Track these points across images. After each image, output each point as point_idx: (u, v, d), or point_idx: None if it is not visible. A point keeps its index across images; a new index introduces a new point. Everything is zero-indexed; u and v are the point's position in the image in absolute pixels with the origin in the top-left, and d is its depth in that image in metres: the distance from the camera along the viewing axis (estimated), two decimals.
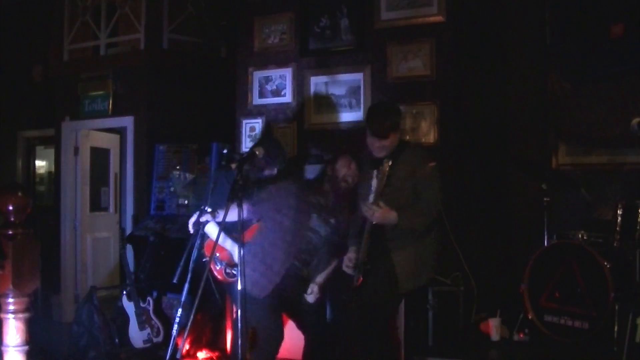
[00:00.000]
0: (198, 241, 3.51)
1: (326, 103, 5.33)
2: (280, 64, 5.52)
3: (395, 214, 3.39)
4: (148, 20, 6.41)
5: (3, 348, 2.03)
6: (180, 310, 3.14)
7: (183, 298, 3.15)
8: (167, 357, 3.01)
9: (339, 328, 3.65)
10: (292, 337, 3.87)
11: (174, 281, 3.47)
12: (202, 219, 3.54)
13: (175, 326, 3.14)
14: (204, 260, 3.84)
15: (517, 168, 5.08)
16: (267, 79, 5.58)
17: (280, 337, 3.62)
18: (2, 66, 7.84)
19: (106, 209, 7.55)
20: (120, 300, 5.09)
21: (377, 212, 3.34)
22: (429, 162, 3.60)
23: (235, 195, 3.17)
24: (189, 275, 3.22)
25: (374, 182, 3.40)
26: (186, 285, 3.13)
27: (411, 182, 3.54)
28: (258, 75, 5.61)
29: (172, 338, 3.04)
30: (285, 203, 3.74)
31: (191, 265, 3.39)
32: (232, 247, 3.68)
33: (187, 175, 5.91)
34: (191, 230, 3.61)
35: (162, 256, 5.31)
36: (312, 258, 3.80)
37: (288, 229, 3.69)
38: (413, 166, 3.55)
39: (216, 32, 6.75)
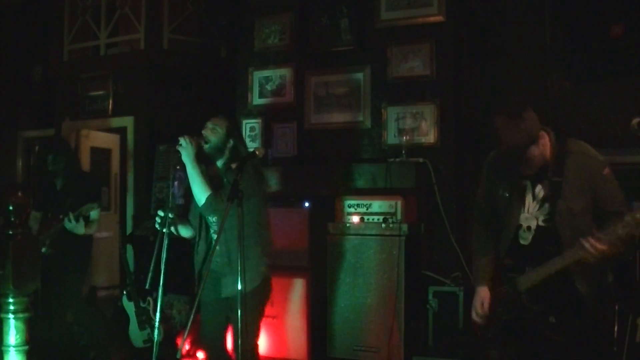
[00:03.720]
0: (166, 241, 3.41)
1: (326, 103, 5.33)
2: (280, 64, 5.52)
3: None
4: (148, 20, 6.40)
5: (3, 348, 2.03)
6: (158, 314, 3.06)
7: (159, 301, 3.07)
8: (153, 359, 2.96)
9: None
10: (292, 337, 3.89)
11: (147, 287, 3.39)
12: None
13: (157, 331, 3.08)
14: None
15: None
16: (267, 79, 5.58)
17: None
18: (2, 66, 7.84)
19: (106, 209, 7.54)
20: (120, 300, 5.09)
21: (603, 246, 2.45)
22: (604, 169, 2.87)
23: (235, 195, 3.19)
24: (162, 278, 3.14)
25: (529, 198, 2.77)
26: (160, 289, 3.05)
27: (585, 197, 2.76)
28: (258, 75, 5.61)
29: (155, 343, 2.98)
30: None
31: (163, 267, 3.30)
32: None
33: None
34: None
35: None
36: None
37: None
38: (583, 177, 2.79)
39: (216, 32, 6.74)
